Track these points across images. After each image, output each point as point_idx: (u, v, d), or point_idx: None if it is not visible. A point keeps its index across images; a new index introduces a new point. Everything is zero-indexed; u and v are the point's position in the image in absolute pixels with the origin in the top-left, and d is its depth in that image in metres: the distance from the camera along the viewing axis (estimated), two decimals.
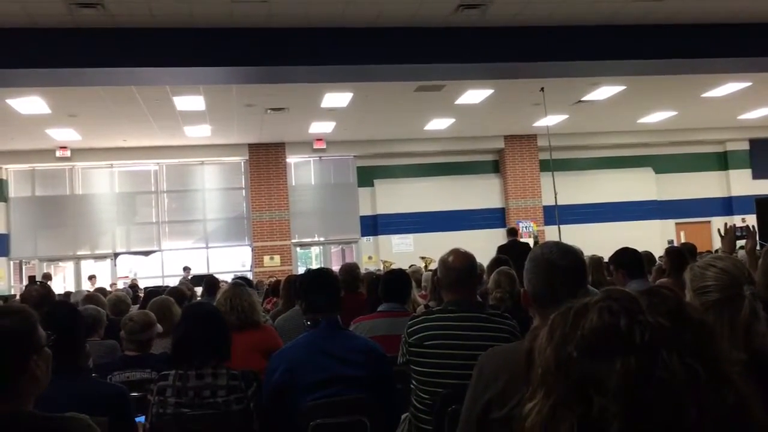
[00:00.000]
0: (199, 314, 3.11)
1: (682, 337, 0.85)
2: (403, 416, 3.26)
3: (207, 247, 18.01)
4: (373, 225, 18.58)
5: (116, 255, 17.57)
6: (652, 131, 18.47)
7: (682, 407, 0.81)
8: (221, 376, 2.90)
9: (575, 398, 0.84)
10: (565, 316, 0.90)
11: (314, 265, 18.38)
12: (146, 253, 17.73)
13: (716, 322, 1.86)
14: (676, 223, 19.61)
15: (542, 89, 12.96)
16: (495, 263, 5.86)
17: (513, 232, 11.99)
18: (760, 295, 2.16)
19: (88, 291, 10.12)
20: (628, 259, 4.78)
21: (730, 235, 4.49)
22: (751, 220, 19.31)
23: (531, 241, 15.37)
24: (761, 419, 0.85)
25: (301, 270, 17.32)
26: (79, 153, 16.64)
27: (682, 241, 17.41)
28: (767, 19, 9.97)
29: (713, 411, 0.81)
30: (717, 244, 17.58)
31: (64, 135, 15.06)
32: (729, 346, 1.83)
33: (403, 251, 17.69)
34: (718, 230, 4.63)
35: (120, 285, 15.48)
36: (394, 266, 11.77)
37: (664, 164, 19.69)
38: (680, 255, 5.47)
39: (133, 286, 14.48)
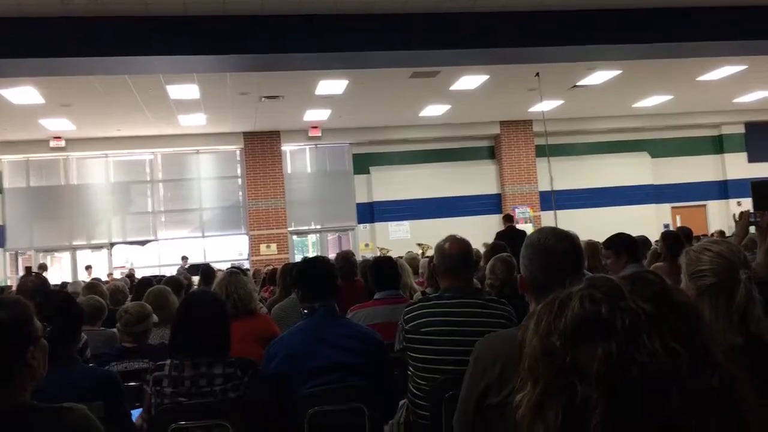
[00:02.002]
0: (198, 304, 3.09)
1: (664, 322, 0.84)
2: (401, 403, 3.27)
3: (203, 236, 18.00)
4: (370, 212, 18.58)
5: (112, 245, 17.55)
6: (647, 115, 18.46)
7: (664, 392, 0.80)
8: (217, 365, 2.90)
9: (560, 387, 0.84)
10: (551, 305, 0.91)
11: (311, 253, 18.40)
12: (142, 243, 17.71)
13: (712, 306, 1.87)
14: (672, 207, 19.65)
15: (537, 74, 12.93)
16: (492, 250, 5.87)
17: (509, 218, 12.03)
18: (760, 273, 2.16)
19: (85, 281, 10.12)
20: (622, 244, 4.79)
21: (744, 220, 4.56)
22: (747, 203, 19.41)
23: (529, 228, 15.39)
24: (749, 402, 0.85)
25: (298, 258, 17.34)
26: (73, 143, 16.58)
27: (678, 224, 17.46)
28: (761, 2, 9.94)
29: (697, 395, 0.81)
30: (713, 227, 17.65)
31: (58, 125, 14.99)
32: (723, 330, 1.84)
33: (400, 238, 17.71)
34: (733, 215, 4.68)
35: (117, 275, 15.48)
36: (390, 253, 11.78)
37: (659, 148, 19.69)
38: (676, 239, 5.47)
39: (130, 276, 14.47)
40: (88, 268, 16.11)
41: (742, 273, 1.87)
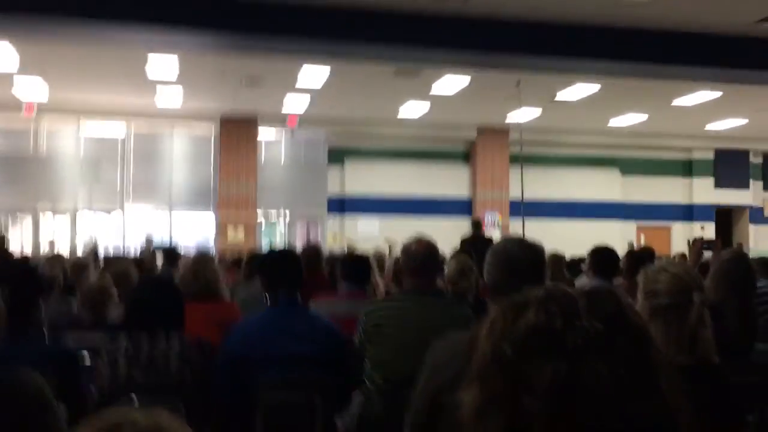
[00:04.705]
0: (152, 280, 3.11)
1: (615, 344, 0.85)
2: (355, 398, 3.29)
3: (170, 217, 17.80)
4: (341, 205, 18.57)
5: (77, 214, 17.25)
6: (621, 133, 18.69)
7: (606, 415, 0.82)
8: (174, 344, 2.89)
9: (506, 395, 0.85)
10: (506, 311, 0.91)
11: (278, 241, 18.33)
12: (108, 211, 17.43)
13: (664, 327, 1.92)
14: (637, 226, 19.94)
15: (518, 83, 13.03)
16: (458, 254, 5.91)
17: (477, 225, 12.06)
18: (709, 298, 2.23)
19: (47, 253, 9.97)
20: (596, 258, 4.84)
21: (698, 246, 4.72)
22: (710, 227, 19.81)
23: (496, 233, 15.51)
24: (687, 429, 0.87)
25: (265, 244, 17.25)
26: (45, 112, 16.25)
27: (642, 243, 17.73)
28: (738, 32, 10.19)
29: (638, 420, 0.83)
30: (675, 249, 17.98)
31: (31, 90, 14.68)
32: (674, 351, 1.89)
33: (369, 233, 17.71)
34: (687, 241, 4.84)
35: (80, 248, 15.25)
36: (358, 247, 11.78)
37: (630, 166, 19.97)
38: (639, 258, 5.56)
39: (93, 250, 14.25)
40: (51, 243, 15.82)
41: (696, 296, 1.93)
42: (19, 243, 15.09)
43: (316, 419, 3.00)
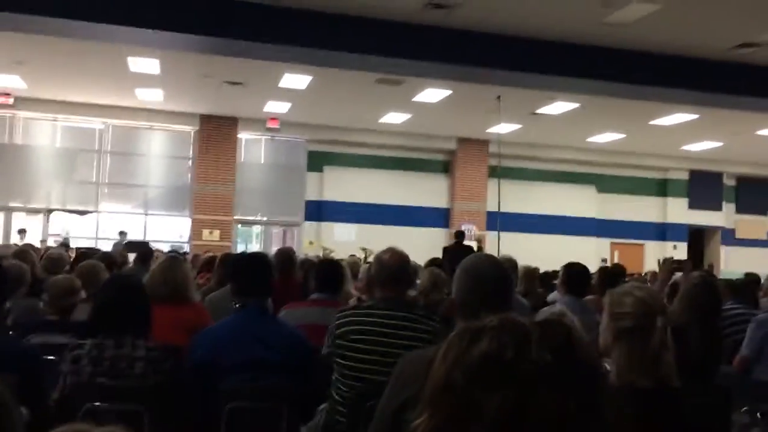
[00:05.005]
0: (121, 283, 3.07)
1: (563, 375, 0.87)
2: (320, 407, 3.28)
3: (146, 214, 17.64)
4: (318, 210, 18.53)
5: (50, 211, 17.03)
6: (599, 151, 18.90)
7: None
8: (139, 347, 2.86)
9: (456, 421, 0.86)
10: (461, 338, 0.92)
11: (254, 244, 18.24)
12: (81, 213, 17.24)
13: (627, 349, 1.95)
14: (612, 242, 20.15)
15: (499, 97, 13.12)
16: (431, 266, 5.94)
17: (460, 235, 12.06)
18: (673, 321, 2.27)
19: (17, 245, 9.82)
20: (569, 274, 4.86)
21: (667, 266, 4.78)
22: (683, 247, 20.07)
23: (475, 245, 15.56)
24: None
25: (240, 248, 17.15)
26: (22, 102, 16.05)
27: (615, 260, 17.91)
28: (714, 57, 10.38)
29: None
30: (648, 267, 18.18)
31: (9, 82, 14.51)
32: (637, 373, 1.92)
33: (345, 240, 17.70)
34: (658, 260, 4.90)
35: (51, 242, 15.05)
36: (333, 254, 11.77)
37: (606, 184, 20.20)
38: (611, 276, 5.63)
39: (65, 245, 14.07)
40: (22, 231, 15.58)
41: (659, 320, 1.96)
42: None
43: (281, 427, 2.98)
